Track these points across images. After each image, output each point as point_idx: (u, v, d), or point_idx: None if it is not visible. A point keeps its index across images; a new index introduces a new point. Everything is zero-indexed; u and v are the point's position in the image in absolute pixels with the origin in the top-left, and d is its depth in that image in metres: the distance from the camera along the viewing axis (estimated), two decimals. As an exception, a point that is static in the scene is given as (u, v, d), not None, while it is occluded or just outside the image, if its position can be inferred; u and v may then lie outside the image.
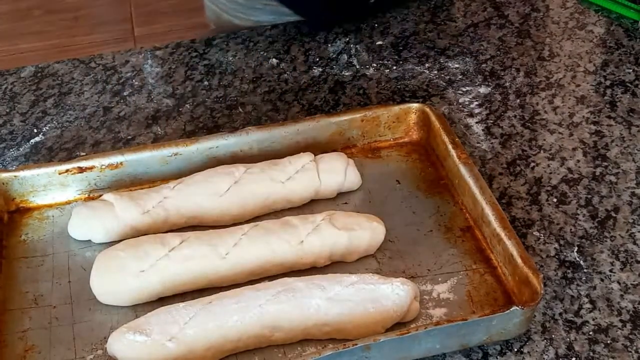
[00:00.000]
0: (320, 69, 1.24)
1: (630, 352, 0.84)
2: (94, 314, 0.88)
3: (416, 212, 0.98)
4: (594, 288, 0.90)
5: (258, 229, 0.91)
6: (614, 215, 0.99)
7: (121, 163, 1.00)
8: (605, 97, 1.17)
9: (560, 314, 0.88)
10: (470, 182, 0.95)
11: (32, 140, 1.13)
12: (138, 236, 0.92)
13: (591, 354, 0.84)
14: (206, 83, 1.22)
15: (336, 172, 0.99)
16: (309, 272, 0.90)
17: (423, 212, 0.98)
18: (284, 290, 0.84)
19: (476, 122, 1.13)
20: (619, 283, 0.91)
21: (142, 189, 0.99)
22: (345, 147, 1.06)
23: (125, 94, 1.21)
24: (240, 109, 1.17)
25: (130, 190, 0.99)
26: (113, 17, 3.10)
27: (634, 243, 0.95)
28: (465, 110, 1.15)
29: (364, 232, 0.92)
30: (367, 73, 1.23)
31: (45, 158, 1.09)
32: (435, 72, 1.23)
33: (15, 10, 3.15)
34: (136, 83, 1.23)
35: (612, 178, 1.04)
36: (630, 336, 0.85)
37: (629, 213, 0.99)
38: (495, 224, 0.90)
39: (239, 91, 1.21)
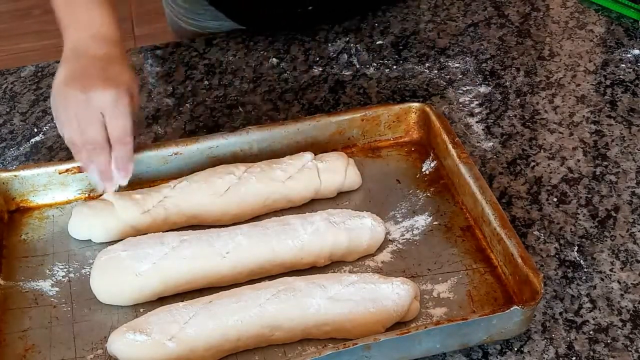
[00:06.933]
0: (321, 69, 1.24)
1: (631, 351, 0.84)
2: (94, 313, 0.88)
3: (416, 212, 0.98)
4: (594, 287, 0.90)
5: (258, 229, 0.91)
6: (614, 214, 0.99)
7: (121, 162, 1.00)
8: (606, 97, 1.17)
9: (561, 313, 0.88)
10: (471, 181, 0.95)
11: (32, 140, 1.13)
12: (138, 235, 0.92)
13: (591, 353, 0.84)
14: (206, 82, 1.22)
15: (336, 172, 0.99)
16: (309, 272, 0.90)
17: (423, 212, 0.98)
18: (284, 290, 0.84)
19: (476, 122, 1.13)
20: (619, 282, 0.91)
21: (142, 188, 0.99)
22: (345, 147, 1.06)
23: (125, 93, 1.20)
24: (241, 109, 1.17)
25: (131, 189, 0.99)
26: (113, 17, 3.09)
27: (634, 242, 0.95)
28: (466, 109, 1.15)
29: (364, 231, 0.92)
30: (367, 72, 1.23)
31: (46, 157, 1.09)
32: (436, 71, 1.23)
33: (15, 10, 3.15)
34: (136, 82, 1.23)
35: (612, 177, 1.04)
36: (631, 335, 0.85)
37: (629, 212, 0.99)
38: (495, 224, 0.90)
39: (239, 91, 1.21)
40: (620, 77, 1.21)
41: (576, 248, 0.95)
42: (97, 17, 0.96)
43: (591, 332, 0.86)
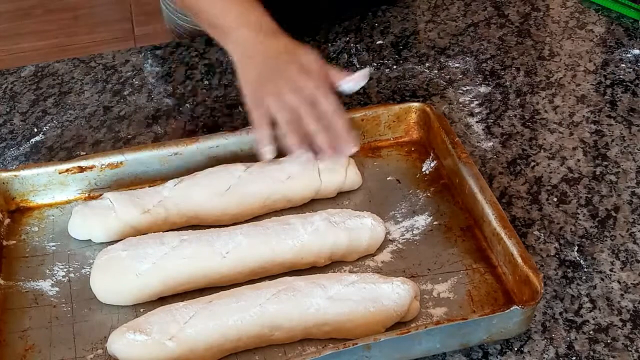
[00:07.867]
0: (321, 69, 1.24)
1: (631, 351, 0.84)
2: (94, 313, 0.88)
3: (416, 212, 0.98)
4: (594, 287, 0.90)
5: (258, 229, 0.91)
6: (614, 214, 0.99)
7: (121, 162, 1.00)
8: (606, 97, 1.17)
9: (561, 313, 0.88)
10: (471, 181, 0.95)
11: (33, 140, 1.13)
12: (138, 235, 0.92)
13: (591, 353, 0.84)
14: (206, 82, 1.22)
15: (337, 172, 0.99)
16: (309, 272, 0.90)
17: (423, 212, 0.98)
18: (284, 290, 0.84)
19: (476, 122, 1.13)
20: (619, 282, 0.91)
21: (142, 188, 0.99)
22: (345, 147, 1.06)
23: (125, 93, 1.21)
24: (241, 109, 1.17)
25: (131, 189, 0.99)
26: (113, 17, 3.10)
27: (634, 242, 0.95)
28: (466, 109, 1.15)
29: (364, 231, 0.92)
30: (367, 72, 1.23)
31: (46, 157, 1.09)
32: (436, 71, 1.23)
33: (15, 10, 3.15)
34: (136, 82, 1.23)
35: (612, 177, 1.04)
36: (631, 335, 0.85)
37: (629, 212, 0.99)
38: (495, 224, 0.90)
39: (239, 91, 1.20)
40: (620, 77, 1.21)
41: (576, 248, 0.95)
42: (258, 14, 0.99)
43: (591, 332, 0.86)
